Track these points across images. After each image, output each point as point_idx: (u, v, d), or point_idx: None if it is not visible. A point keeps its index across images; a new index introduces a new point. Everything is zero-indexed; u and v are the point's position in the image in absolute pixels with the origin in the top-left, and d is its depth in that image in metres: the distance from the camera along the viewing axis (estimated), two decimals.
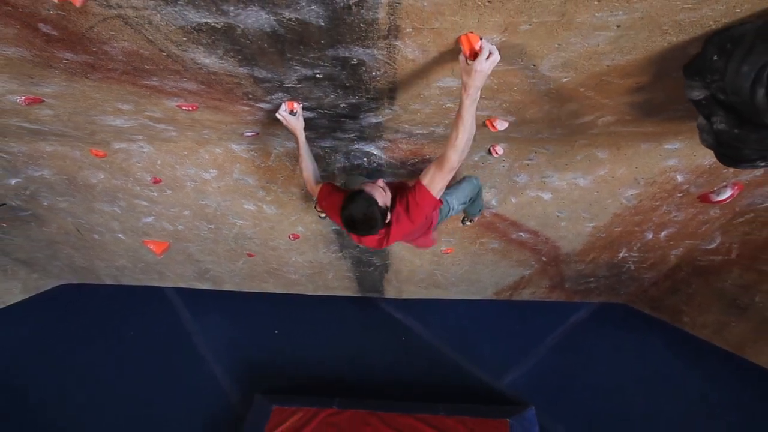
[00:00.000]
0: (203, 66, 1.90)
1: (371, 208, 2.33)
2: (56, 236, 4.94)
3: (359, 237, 2.66)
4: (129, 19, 1.50)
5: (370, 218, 2.35)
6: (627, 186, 3.66)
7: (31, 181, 3.96)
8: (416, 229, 2.63)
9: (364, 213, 2.33)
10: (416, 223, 2.52)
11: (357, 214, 2.33)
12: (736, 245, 4.28)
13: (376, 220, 2.38)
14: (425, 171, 2.34)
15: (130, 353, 5.39)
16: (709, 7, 1.36)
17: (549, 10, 1.40)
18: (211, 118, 2.73)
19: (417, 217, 2.48)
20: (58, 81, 2.10)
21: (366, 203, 2.33)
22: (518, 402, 4.63)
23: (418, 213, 2.46)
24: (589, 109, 2.43)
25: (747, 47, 1.46)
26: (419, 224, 2.58)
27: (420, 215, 2.48)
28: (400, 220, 2.48)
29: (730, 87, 1.56)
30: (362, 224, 2.38)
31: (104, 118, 2.74)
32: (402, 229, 2.55)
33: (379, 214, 2.38)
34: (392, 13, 1.45)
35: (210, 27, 1.55)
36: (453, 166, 2.17)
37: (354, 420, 4.12)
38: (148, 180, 3.86)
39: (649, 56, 1.73)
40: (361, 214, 2.33)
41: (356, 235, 2.57)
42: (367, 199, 2.33)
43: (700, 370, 4.77)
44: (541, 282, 5.41)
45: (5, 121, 2.79)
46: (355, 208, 2.34)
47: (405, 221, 2.49)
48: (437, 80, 2.05)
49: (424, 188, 2.32)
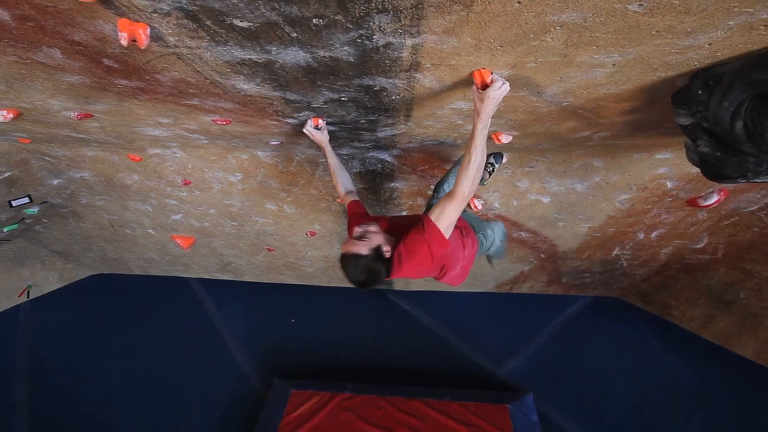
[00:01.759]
0: (241, 90, 2.01)
1: (360, 264, 2.12)
2: (91, 231, 5.05)
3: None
4: (182, 55, 1.61)
5: (368, 272, 2.14)
6: (620, 191, 3.73)
7: (71, 181, 4.07)
8: (427, 268, 2.30)
9: (360, 272, 2.13)
10: (421, 262, 2.21)
11: (355, 277, 2.16)
12: (722, 245, 4.33)
13: (375, 271, 2.15)
14: (434, 207, 2.11)
15: (157, 338, 5.41)
16: (694, 52, 1.46)
17: (553, 53, 1.51)
18: (241, 130, 2.83)
19: (419, 255, 2.18)
20: (109, 101, 2.21)
21: (353, 265, 2.13)
22: (517, 388, 4.60)
23: (421, 251, 2.16)
24: (587, 126, 2.51)
25: (727, 85, 1.56)
26: (427, 263, 2.24)
27: (422, 253, 2.17)
28: (402, 261, 2.19)
29: (713, 118, 1.67)
30: (366, 282, 2.17)
31: (144, 129, 2.84)
32: (406, 270, 2.24)
33: (375, 262, 2.15)
34: (415, 53, 1.56)
35: (252, 61, 1.66)
36: (465, 197, 1.97)
37: (366, 404, 4.13)
38: (178, 182, 3.96)
39: (641, 87, 1.82)
40: (359, 275, 2.14)
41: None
42: (352, 261, 2.13)
43: (687, 360, 4.75)
44: (540, 277, 5.46)
45: (56, 132, 2.90)
46: (349, 274, 2.16)
47: (407, 262, 2.19)
48: (450, 103, 2.14)
49: (431, 223, 2.09)
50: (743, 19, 1.24)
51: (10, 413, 4.47)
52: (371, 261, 2.12)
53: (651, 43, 1.40)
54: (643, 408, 4.42)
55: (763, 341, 4.47)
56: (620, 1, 1.16)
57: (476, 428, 3.87)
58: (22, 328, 5.39)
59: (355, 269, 2.12)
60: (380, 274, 2.16)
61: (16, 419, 4.43)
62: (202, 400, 4.70)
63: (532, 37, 1.39)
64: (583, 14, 1.24)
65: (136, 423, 4.47)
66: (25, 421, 4.41)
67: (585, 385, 4.71)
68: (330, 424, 3.93)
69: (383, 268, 2.16)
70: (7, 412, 4.48)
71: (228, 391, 4.76)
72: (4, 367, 4.94)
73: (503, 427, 3.90)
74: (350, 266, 2.12)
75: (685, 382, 4.61)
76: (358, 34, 1.41)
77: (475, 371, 4.89)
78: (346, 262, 2.13)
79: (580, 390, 4.66)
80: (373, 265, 2.12)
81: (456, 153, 3.45)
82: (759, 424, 4.11)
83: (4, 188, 3.86)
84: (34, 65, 1.71)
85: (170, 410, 4.63)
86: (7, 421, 4.43)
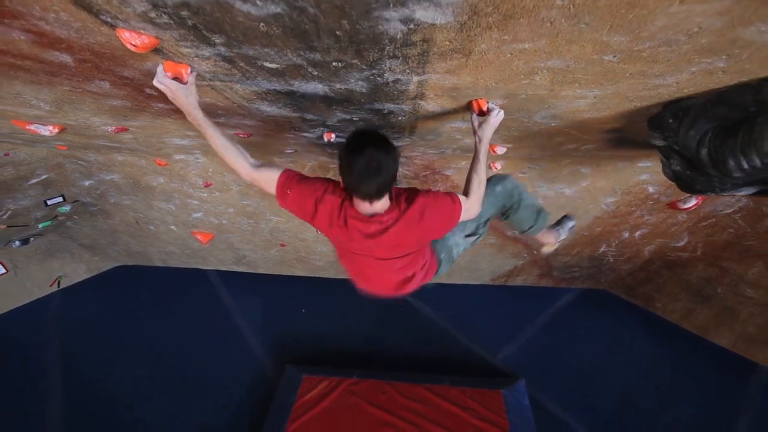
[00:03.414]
0: (264, 112, 2.14)
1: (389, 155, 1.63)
2: (118, 227, 5.18)
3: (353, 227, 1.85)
4: (215, 86, 1.74)
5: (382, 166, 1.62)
6: (606, 195, 3.84)
7: (102, 183, 4.20)
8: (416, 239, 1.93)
9: (380, 157, 1.61)
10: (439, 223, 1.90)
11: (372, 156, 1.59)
12: (700, 244, 4.43)
13: (389, 170, 1.65)
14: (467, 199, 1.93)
15: (177, 325, 5.51)
16: (664, 89, 1.59)
17: (541, 88, 1.63)
18: (260, 141, 2.95)
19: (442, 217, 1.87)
20: (145, 119, 2.34)
21: (383, 148, 1.63)
22: (510, 375, 4.69)
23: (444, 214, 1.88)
24: (573, 141, 2.63)
25: (693, 117, 1.69)
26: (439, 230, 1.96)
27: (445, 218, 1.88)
28: (424, 212, 1.81)
29: (681, 144, 1.80)
30: (373, 172, 1.62)
31: (172, 139, 2.97)
32: (427, 222, 1.83)
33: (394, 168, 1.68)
34: (420, 86, 1.68)
35: (276, 91, 1.79)
36: (476, 213, 1.98)
37: (372, 388, 4.24)
38: (200, 184, 4.09)
39: (620, 113, 1.95)
40: (377, 159, 1.60)
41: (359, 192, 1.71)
42: (383, 144, 1.64)
43: (669, 349, 4.84)
44: (532, 271, 5.57)
45: (93, 141, 3.03)
46: (370, 149, 1.60)
47: (430, 214, 1.82)
48: (450, 122, 2.26)
49: (461, 205, 1.88)
50: (703, 66, 1.37)
51: (47, 393, 4.62)
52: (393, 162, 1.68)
53: (626, 82, 1.53)
54: (627, 393, 4.50)
55: (738, 333, 4.58)
56: (597, 53, 1.28)
57: (472, 411, 3.98)
58: (53, 315, 5.50)
59: (380, 150, 1.62)
60: (388, 178, 1.67)
61: (50, 395, 4.58)
62: (220, 383, 4.78)
63: (522, 77, 1.53)
64: (566, 62, 1.37)
65: (158, 404, 4.58)
66: (59, 398, 4.55)
67: (574, 372, 4.79)
68: (339, 406, 4.03)
69: (390, 180, 1.70)
70: (43, 392, 4.63)
71: (243, 375, 4.85)
72: (40, 349, 5.07)
73: (497, 411, 4.00)
74: (376, 144, 1.64)
75: (666, 369, 4.71)
76: (371, 73, 1.54)
77: (472, 359, 4.97)
78: (374, 137, 1.66)
79: (569, 376, 4.74)
80: (393, 167, 1.68)
81: (453, 160, 3.57)
82: (734, 407, 4.24)
83: (41, 189, 3.99)
84: (84, 93, 1.85)
85: (190, 392, 4.71)
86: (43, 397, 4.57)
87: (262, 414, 4.19)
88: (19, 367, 4.90)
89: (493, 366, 4.90)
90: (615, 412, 4.37)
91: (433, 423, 3.88)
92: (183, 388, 4.78)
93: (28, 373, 4.86)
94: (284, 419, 3.95)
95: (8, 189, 3.71)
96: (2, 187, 3.65)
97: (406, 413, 3.97)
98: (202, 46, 1.33)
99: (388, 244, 1.86)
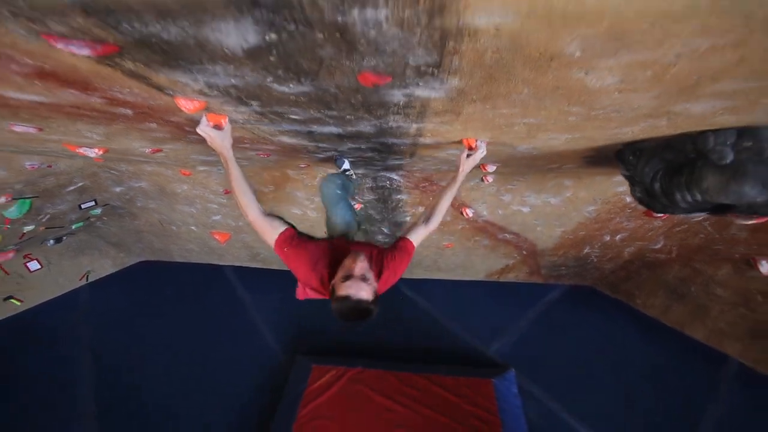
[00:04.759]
0: (284, 142, 2.37)
1: (362, 308, 1.82)
2: (143, 227, 5.42)
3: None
4: (246, 127, 1.98)
5: (366, 314, 1.84)
6: (587, 204, 4.05)
7: (131, 189, 4.43)
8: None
9: (359, 315, 1.83)
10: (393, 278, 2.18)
11: (352, 319, 1.84)
12: (675, 247, 4.64)
13: (373, 313, 1.87)
14: (415, 232, 2.22)
15: (196, 317, 5.63)
16: (623, 135, 1.83)
17: (520, 134, 1.87)
18: (277, 159, 3.18)
19: (399, 273, 2.17)
20: (179, 144, 2.59)
21: (356, 311, 1.82)
22: (501, 365, 4.74)
23: (402, 268, 2.17)
24: (554, 162, 2.84)
25: (648, 157, 1.93)
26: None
27: (401, 270, 2.18)
28: (387, 281, 2.12)
29: (639, 177, 2.04)
30: (360, 322, 1.86)
31: (199, 156, 3.22)
32: (382, 286, 2.10)
33: (375, 306, 1.88)
34: (419, 130, 1.91)
35: (296, 131, 2.03)
36: (435, 230, 2.31)
37: (375, 377, 4.34)
38: (220, 191, 4.31)
39: (591, 147, 2.17)
40: (356, 317, 1.83)
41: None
42: (356, 306, 1.80)
43: (648, 341, 4.98)
44: (523, 269, 5.79)
45: (131, 158, 3.27)
46: (347, 316, 1.83)
47: (390, 280, 2.15)
48: (445, 150, 2.48)
49: (413, 247, 2.20)
50: (650, 123, 1.60)
51: (78, 375, 4.82)
52: (372, 305, 1.86)
53: (590, 131, 1.76)
54: (609, 382, 4.61)
55: (710, 328, 4.74)
56: (562, 115, 1.52)
57: (465, 398, 4.10)
58: (83, 306, 5.69)
59: (357, 313, 1.83)
60: (373, 314, 1.88)
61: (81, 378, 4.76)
62: (234, 373, 4.87)
63: (504, 128, 1.76)
64: (538, 119, 1.61)
65: (179, 387, 4.69)
66: (90, 381, 4.72)
67: (560, 362, 4.87)
68: (345, 393, 4.16)
69: (374, 309, 1.88)
70: (74, 375, 4.83)
71: (257, 364, 4.94)
72: (71, 336, 5.25)
73: (488, 398, 4.12)
74: (352, 312, 1.82)
75: (646, 359, 4.81)
76: (378, 122, 1.77)
77: (466, 350, 5.08)
78: (350, 307, 1.81)
79: (556, 366, 4.83)
80: (373, 308, 1.87)
81: (449, 174, 3.77)
82: (705, 393, 4.38)
83: (77, 195, 4.23)
84: (133, 129, 2.09)
85: (208, 380, 4.80)
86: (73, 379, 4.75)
87: (276, 399, 4.33)
88: (53, 353, 5.10)
89: (485, 357, 5.00)
90: (598, 400, 4.47)
91: (430, 408, 4.02)
92: (202, 374, 4.91)
93: (60, 357, 5.05)
94: (296, 404, 4.10)
95: (49, 195, 3.96)
96: (44, 194, 3.90)
97: (406, 400, 4.13)
98: (241, 107, 1.57)
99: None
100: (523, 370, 4.73)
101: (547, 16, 0.81)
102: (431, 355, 4.93)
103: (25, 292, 5.42)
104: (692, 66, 1.01)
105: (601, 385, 4.61)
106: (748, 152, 1.57)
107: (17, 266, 5.16)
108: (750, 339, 4.50)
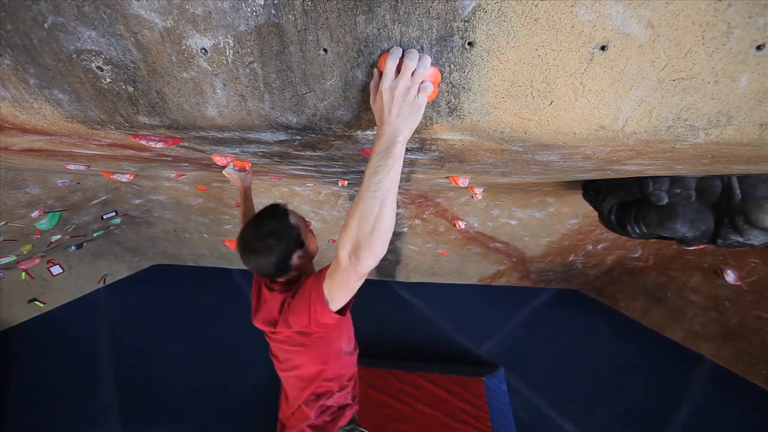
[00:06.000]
0: (294, 173, 2.70)
1: (272, 225, 1.56)
2: (158, 234, 5.71)
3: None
4: (264, 166, 2.31)
5: (265, 237, 1.55)
6: (570, 218, 4.34)
7: (149, 201, 4.73)
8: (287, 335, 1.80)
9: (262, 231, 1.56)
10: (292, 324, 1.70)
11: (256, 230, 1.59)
12: (652, 256, 4.95)
13: (271, 247, 1.56)
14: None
15: (205, 316, 5.90)
16: (583, 177, 2.15)
17: (495, 176, 2.19)
18: (286, 180, 3.51)
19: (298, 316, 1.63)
20: (202, 172, 2.91)
21: (271, 219, 1.61)
22: (491, 364, 4.96)
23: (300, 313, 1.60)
24: (534, 187, 3.15)
25: (604, 194, 2.26)
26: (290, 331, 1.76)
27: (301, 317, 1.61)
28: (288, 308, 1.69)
29: (598, 209, 2.37)
30: (252, 242, 1.59)
31: (216, 177, 3.54)
32: (267, 312, 1.81)
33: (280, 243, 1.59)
34: (410, 172, 2.25)
35: (307, 169, 2.36)
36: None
37: (373, 375, 4.55)
38: (233, 204, 4.62)
39: (562, 182, 2.51)
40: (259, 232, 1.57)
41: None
42: (276, 214, 1.62)
43: (631, 342, 5.23)
44: (513, 274, 6.04)
45: (152, 176, 3.60)
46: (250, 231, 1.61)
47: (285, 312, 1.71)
48: (437, 179, 2.81)
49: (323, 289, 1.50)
50: (599, 173, 1.93)
51: (99, 374, 5.13)
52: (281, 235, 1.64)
53: (554, 175, 2.09)
54: (594, 380, 4.85)
55: (686, 330, 5.01)
56: (525, 169, 1.84)
57: (457, 395, 4.38)
58: (101, 308, 5.98)
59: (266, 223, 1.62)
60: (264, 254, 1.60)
61: (103, 376, 5.07)
62: (242, 368, 5.14)
63: (482, 174, 2.09)
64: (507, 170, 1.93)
65: (192, 382, 5.01)
66: (111, 379, 5.02)
67: (547, 362, 5.10)
68: None
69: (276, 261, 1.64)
70: (96, 373, 5.14)
71: (263, 366, 4.81)
72: (91, 336, 5.57)
73: (478, 395, 4.40)
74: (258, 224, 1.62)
75: (628, 359, 5.09)
76: None
77: (459, 350, 5.34)
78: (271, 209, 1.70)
79: (543, 366, 5.05)
80: (274, 242, 1.61)
81: (443, 192, 4.09)
82: (682, 390, 4.68)
83: (100, 207, 4.54)
84: (167, 165, 2.42)
85: (218, 374, 5.10)
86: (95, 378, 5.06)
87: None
88: (75, 353, 5.41)
89: (476, 356, 5.23)
90: (581, 397, 4.73)
91: (424, 404, 4.29)
92: (212, 370, 5.19)
93: (82, 357, 5.36)
94: None
95: (76, 209, 4.27)
96: (72, 208, 4.21)
97: (402, 396, 4.36)
98: (264, 159, 1.90)
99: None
100: (511, 369, 4.99)
101: (494, 139, 1.13)
102: (426, 355, 5.16)
103: (47, 295, 5.73)
104: (605, 155, 1.33)
105: (585, 383, 4.84)
106: (678, 197, 1.90)
107: (41, 271, 5.45)
108: (722, 340, 4.78)
